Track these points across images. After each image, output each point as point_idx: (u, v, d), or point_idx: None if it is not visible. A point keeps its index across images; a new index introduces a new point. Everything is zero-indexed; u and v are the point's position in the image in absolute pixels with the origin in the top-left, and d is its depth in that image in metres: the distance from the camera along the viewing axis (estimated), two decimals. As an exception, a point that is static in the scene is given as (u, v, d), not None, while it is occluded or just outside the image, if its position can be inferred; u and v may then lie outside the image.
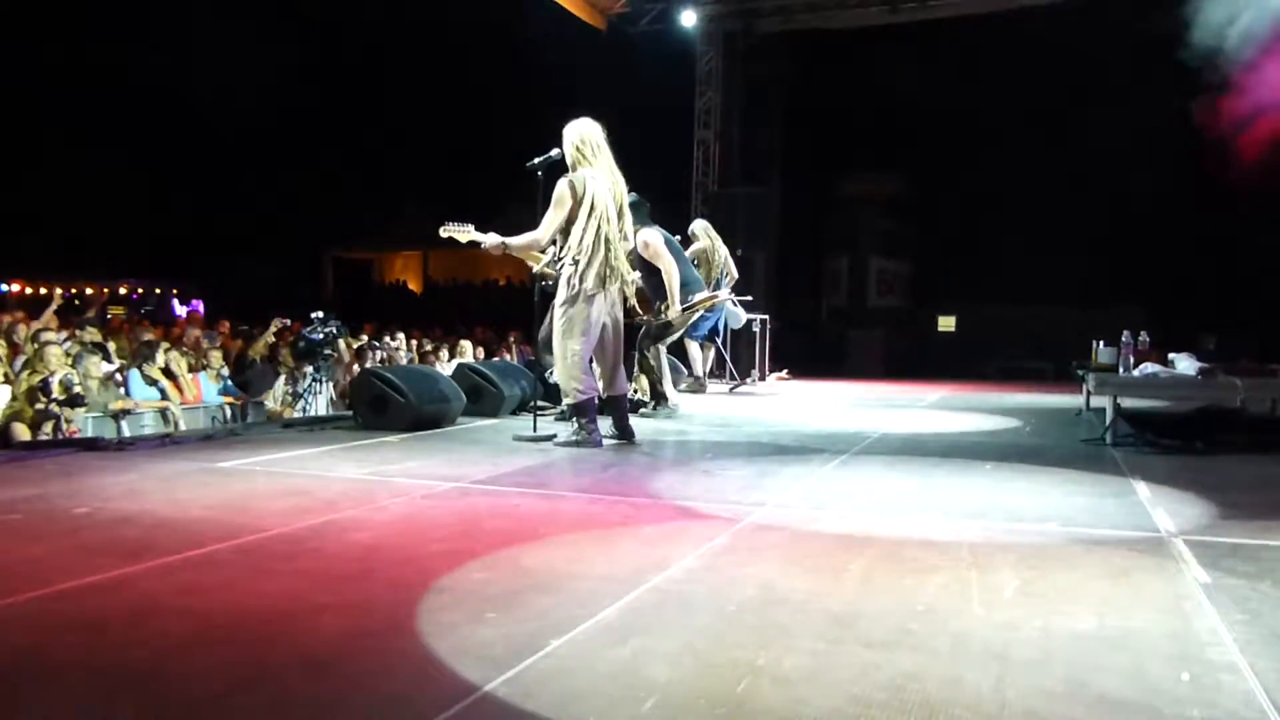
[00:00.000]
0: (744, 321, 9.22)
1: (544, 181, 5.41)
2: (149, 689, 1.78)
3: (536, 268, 5.57)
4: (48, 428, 6.75)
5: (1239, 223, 10.60)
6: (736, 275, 9.15)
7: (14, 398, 6.94)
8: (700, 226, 8.94)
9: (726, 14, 13.19)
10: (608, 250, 4.92)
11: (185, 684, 1.80)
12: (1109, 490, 3.88)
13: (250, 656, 1.94)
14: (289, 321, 10.34)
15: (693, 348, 8.64)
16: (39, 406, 6.77)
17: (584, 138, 5.00)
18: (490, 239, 5.24)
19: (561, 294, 4.97)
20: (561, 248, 4.97)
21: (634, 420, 5.41)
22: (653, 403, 6.68)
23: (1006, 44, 11.69)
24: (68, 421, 6.90)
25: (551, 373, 6.11)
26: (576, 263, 4.88)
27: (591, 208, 4.87)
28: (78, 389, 7.00)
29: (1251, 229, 10.48)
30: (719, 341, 9.36)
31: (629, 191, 5.26)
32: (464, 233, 5.38)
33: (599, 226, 4.88)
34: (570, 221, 4.89)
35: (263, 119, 21.70)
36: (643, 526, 3.16)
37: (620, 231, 5.01)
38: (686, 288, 6.71)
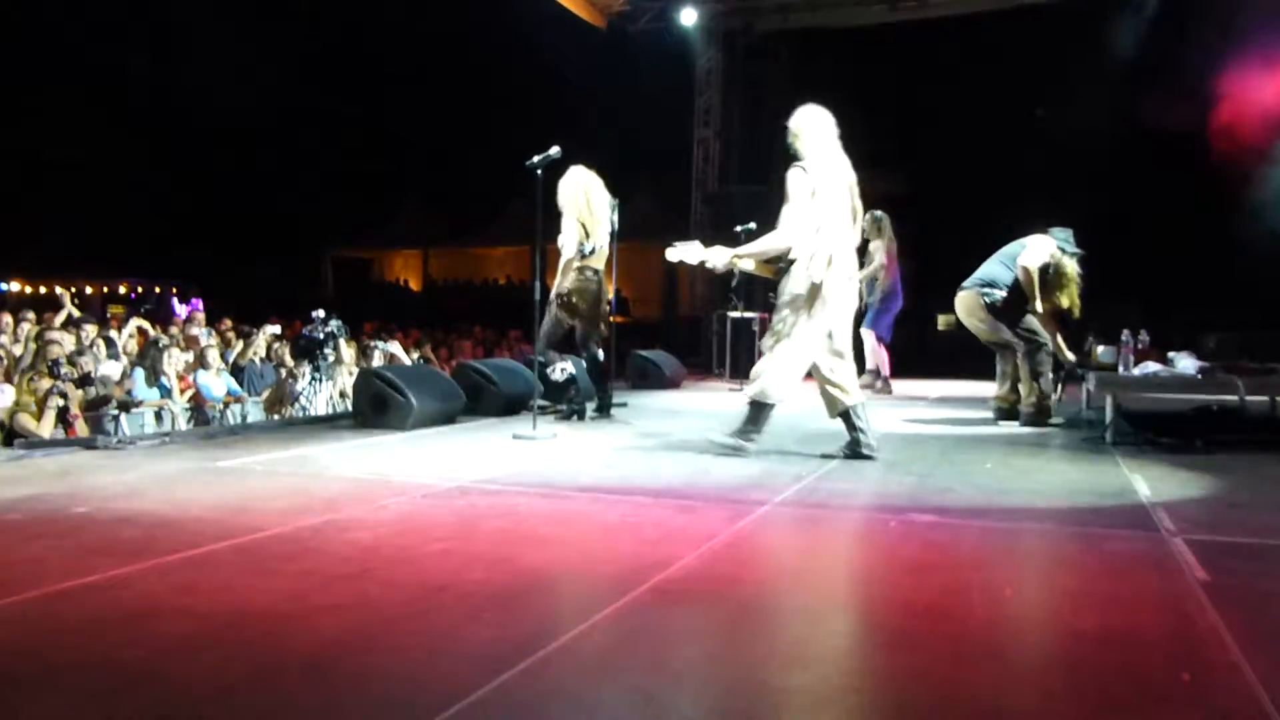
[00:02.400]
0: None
1: (544, 181, 5.42)
2: (148, 688, 1.78)
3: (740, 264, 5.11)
4: (52, 417, 6.73)
5: (1239, 222, 10.60)
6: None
7: (19, 390, 6.92)
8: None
9: (726, 13, 13.18)
10: (841, 245, 4.56)
11: (185, 683, 1.80)
12: (1109, 489, 3.88)
13: (250, 656, 1.94)
14: (279, 329, 10.34)
15: (870, 341, 8.51)
16: (47, 386, 6.76)
17: (813, 125, 4.72)
18: (718, 256, 4.93)
19: (792, 292, 4.53)
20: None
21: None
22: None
23: (1006, 44, 11.70)
24: (81, 409, 6.88)
25: (554, 369, 6.14)
26: (813, 259, 4.48)
27: (825, 199, 4.51)
28: (89, 369, 7.02)
29: (1251, 228, 10.48)
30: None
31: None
32: (691, 252, 5.15)
33: (832, 220, 4.52)
34: (805, 216, 4.48)
35: (263, 119, 21.72)
36: (643, 526, 3.16)
37: (853, 225, 4.65)
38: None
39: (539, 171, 5.37)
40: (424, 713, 1.67)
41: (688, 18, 13.03)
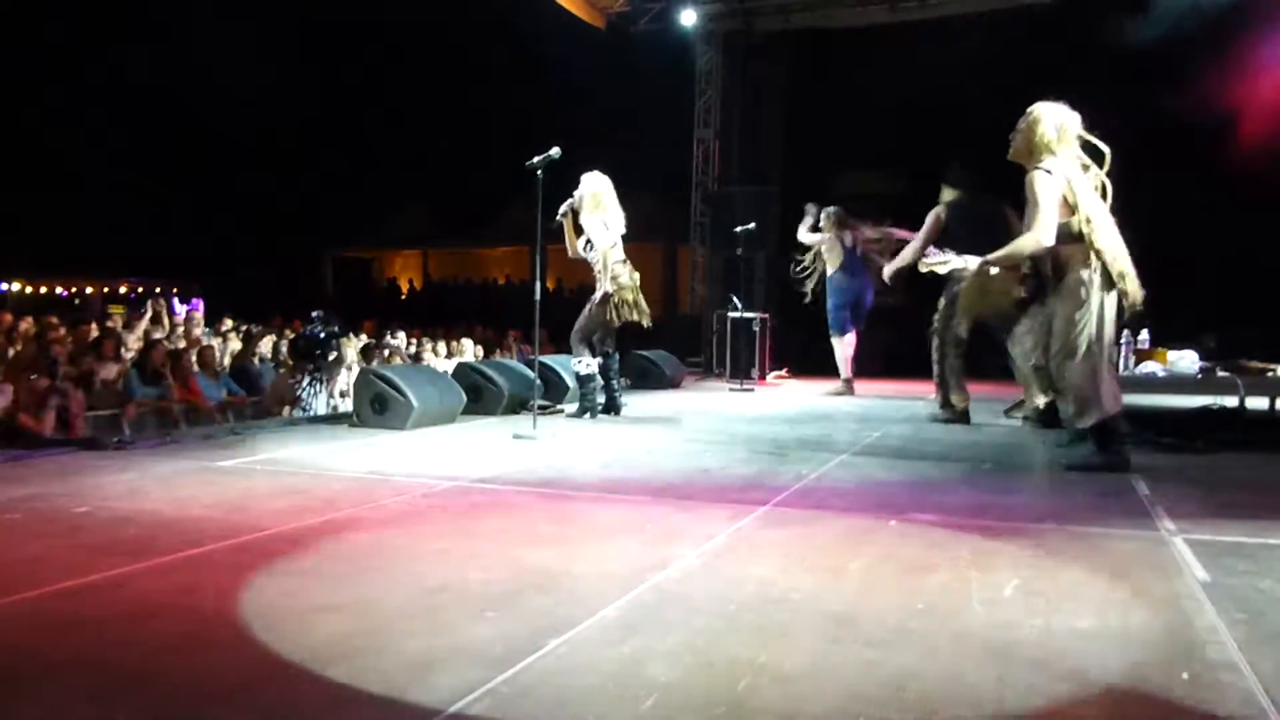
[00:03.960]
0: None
1: (544, 181, 5.42)
2: (148, 688, 1.78)
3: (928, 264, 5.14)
4: (53, 417, 6.73)
5: (1240, 221, 10.59)
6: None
7: (21, 389, 6.93)
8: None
9: (726, 13, 13.18)
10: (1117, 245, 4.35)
11: (185, 683, 1.80)
12: (1109, 489, 3.88)
13: (250, 656, 1.94)
14: (285, 334, 10.35)
15: (842, 349, 8.50)
16: (46, 384, 6.76)
17: (1060, 124, 4.55)
18: (968, 262, 4.84)
19: (1076, 297, 4.27)
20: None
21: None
22: None
23: (1006, 43, 11.68)
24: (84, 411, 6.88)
25: (580, 363, 6.21)
26: (1094, 261, 4.28)
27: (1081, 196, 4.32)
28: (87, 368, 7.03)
29: (1252, 227, 10.48)
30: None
31: None
32: (943, 262, 5.23)
33: (1099, 218, 4.34)
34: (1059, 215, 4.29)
35: (263, 119, 21.70)
36: (643, 526, 3.16)
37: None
38: None
39: (539, 172, 5.37)
40: (424, 712, 1.67)
41: (688, 18, 13.02)
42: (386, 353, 10.17)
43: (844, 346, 8.60)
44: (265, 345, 10.04)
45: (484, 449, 4.95)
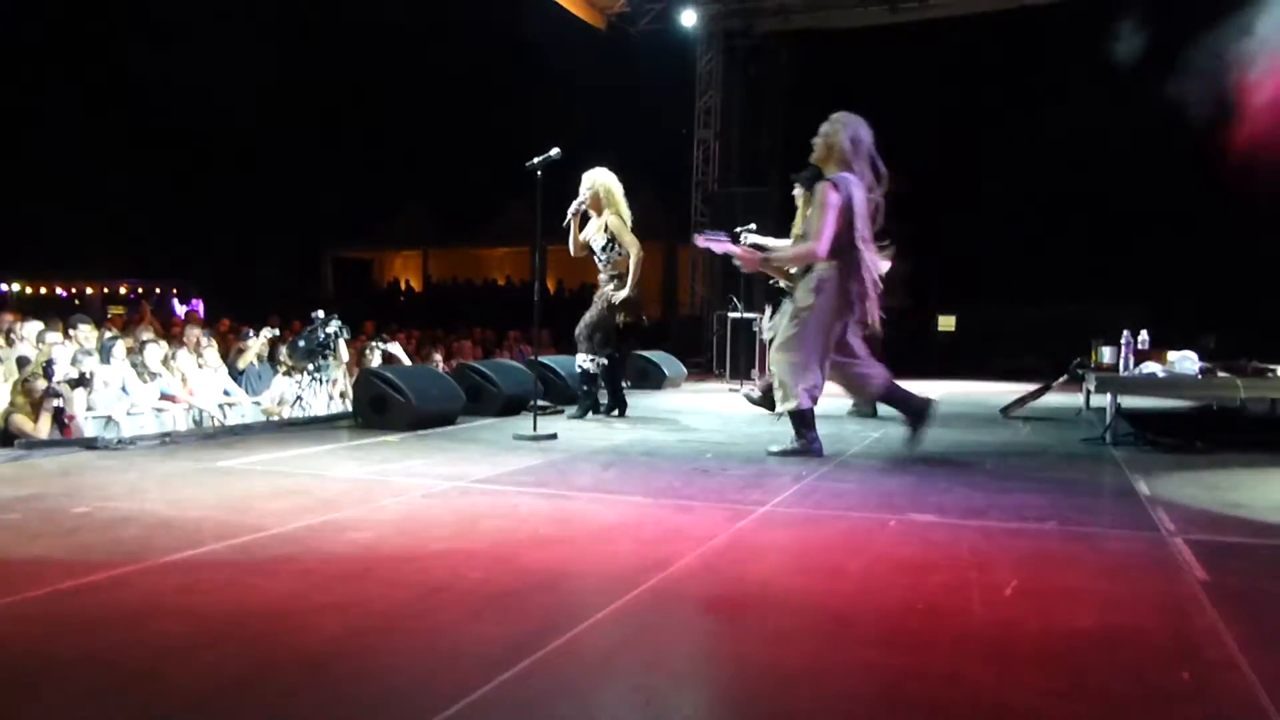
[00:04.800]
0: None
1: (544, 181, 5.42)
2: (149, 688, 1.78)
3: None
4: (47, 420, 6.73)
5: (1240, 221, 10.59)
6: None
7: (14, 391, 6.92)
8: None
9: (726, 14, 13.19)
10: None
11: (185, 683, 1.80)
12: (1109, 490, 3.88)
13: (250, 656, 1.94)
14: (277, 331, 10.32)
15: None
16: (43, 386, 6.76)
17: (856, 136, 4.80)
18: (741, 250, 5.20)
19: (807, 299, 4.63)
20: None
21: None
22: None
23: (1006, 43, 11.68)
24: (81, 413, 6.88)
25: (590, 362, 6.19)
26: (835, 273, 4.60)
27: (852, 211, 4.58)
28: (83, 370, 7.03)
29: (1253, 227, 10.48)
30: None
31: None
32: (719, 244, 5.40)
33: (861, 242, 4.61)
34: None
35: (263, 119, 21.71)
36: (643, 526, 3.16)
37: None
38: None
39: (539, 172, 5.37)
40: (424, 712, 1.67)
41: (688, 19, 13.03)
42: (379, 355, 10.15)
43: None
44: (264, 346, 10.02)
45: (483, 450, 4.95)
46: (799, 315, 4.65)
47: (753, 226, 8.18)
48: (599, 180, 6.19)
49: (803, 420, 4.68)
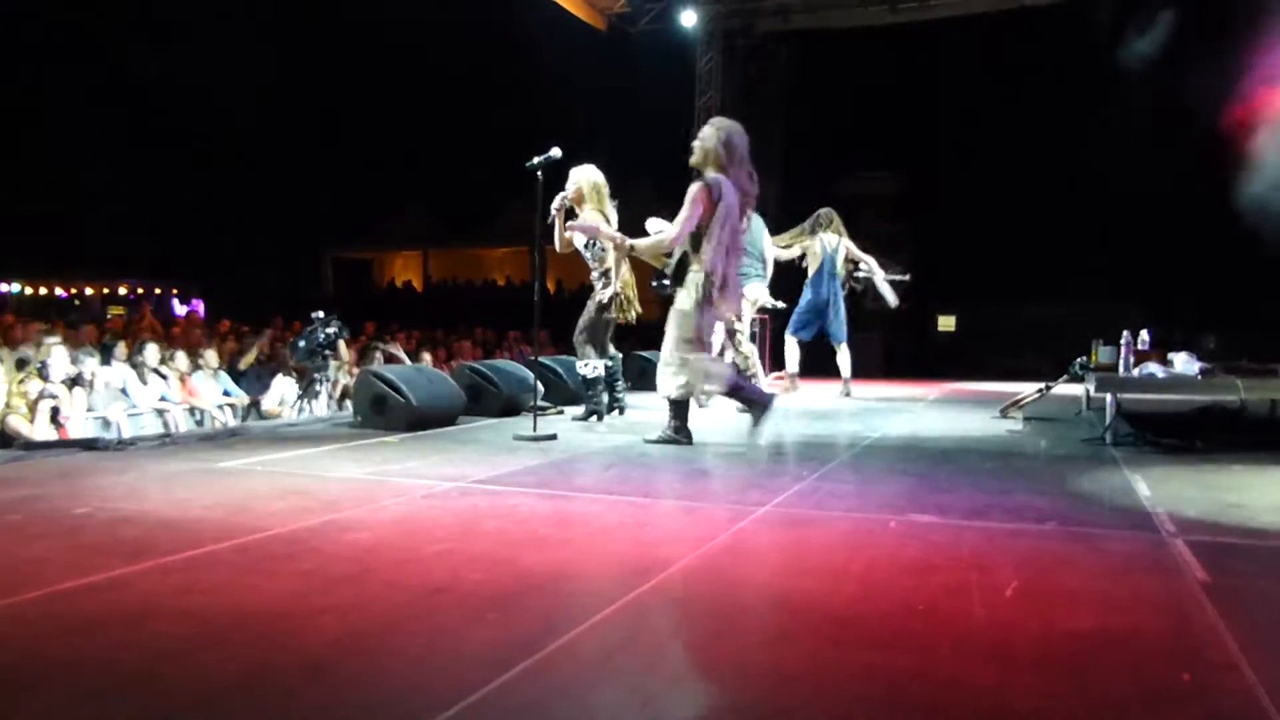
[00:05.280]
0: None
1: (544, 181, 5.42)
2: (148, 689, 1.78)
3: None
4: (43, 421, 6.73)
5: (1240, 221, 10.60)
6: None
7: (10, 392, 6.92)
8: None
9: (726, 14, 13.18)
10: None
11: (184, 684, 1.80)
12: (1109, 490, 3.88)
13: (249, 656, 1.94)
14: (285, 335, 10.35)
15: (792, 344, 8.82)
16: (39, 388, 6.76)
17: (730, 141, 5.03)
18: (617, 237, 5.53)
19: (690, 294, 4.96)
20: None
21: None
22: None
23: (1006, 44, 11.69)
24: (80, 414, 6.88)
25: (586, 365, 6.21)
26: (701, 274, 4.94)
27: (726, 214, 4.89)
28: (78, 371, 7.04)
29: (1252, 227, 10.48)
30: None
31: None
32: (594, 229, 5.68)
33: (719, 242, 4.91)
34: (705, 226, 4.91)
35: (263, 119, 21.70)
36: (643, 527, 3.16)
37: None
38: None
39: (539, 172, 5.37)
40: (424, 713, 1.67)
41: (688, 19, 13.03)
42: (380, 356, 10.16)
43: (790, 345, 8.91)
44: (264, 346, 10.03)
45: (484, 450, 4.95)
46: (683, 313, 4.98)
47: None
48: (583, 177, 6.19)
49: (680, 410, 5.04)
